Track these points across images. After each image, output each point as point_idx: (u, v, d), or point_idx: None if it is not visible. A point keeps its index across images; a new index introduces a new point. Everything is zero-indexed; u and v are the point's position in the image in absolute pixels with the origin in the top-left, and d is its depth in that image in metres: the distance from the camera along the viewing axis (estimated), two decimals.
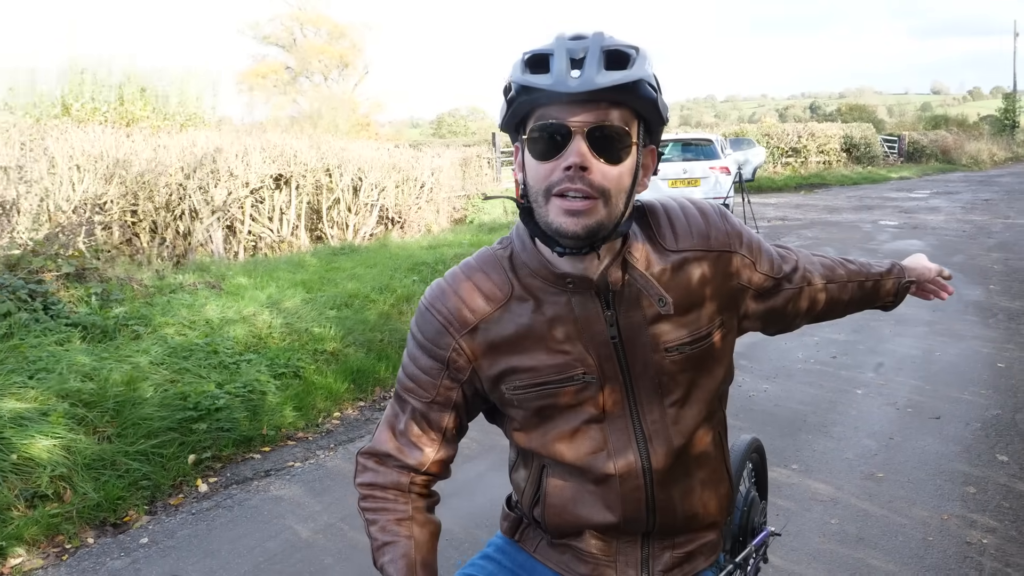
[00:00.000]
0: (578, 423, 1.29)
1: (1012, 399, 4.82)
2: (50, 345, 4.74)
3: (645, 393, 1.29)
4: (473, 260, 1.31)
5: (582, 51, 1.12)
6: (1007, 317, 6.95)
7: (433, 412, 1.33)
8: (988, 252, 10.65)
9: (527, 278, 1.26)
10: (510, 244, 1.30)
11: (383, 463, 1.37)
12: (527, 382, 1.27)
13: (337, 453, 4.38)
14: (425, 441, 1.35)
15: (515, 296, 1.26)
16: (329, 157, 11.69)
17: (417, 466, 1.35)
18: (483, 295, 1.27)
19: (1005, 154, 35.55)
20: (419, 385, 1.33)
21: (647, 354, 1.26)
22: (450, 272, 1.32)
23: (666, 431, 1.30)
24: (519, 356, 1.26)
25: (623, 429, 1.29)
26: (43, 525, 3.37)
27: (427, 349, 1.30)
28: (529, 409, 1.30)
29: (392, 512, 1.34)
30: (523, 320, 1.25)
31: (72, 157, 8.75)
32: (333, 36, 40.00)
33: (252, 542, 3.41)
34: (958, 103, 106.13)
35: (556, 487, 1.35)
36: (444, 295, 1.29)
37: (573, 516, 1.34)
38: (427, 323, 1.30)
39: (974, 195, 19.54)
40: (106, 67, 13.83)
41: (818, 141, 28.16)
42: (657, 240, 1.29)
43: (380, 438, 1.38)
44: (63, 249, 6.32)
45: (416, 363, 1.32)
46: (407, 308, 6.65)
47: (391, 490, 1.35)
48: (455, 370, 1.29)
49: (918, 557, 3.09)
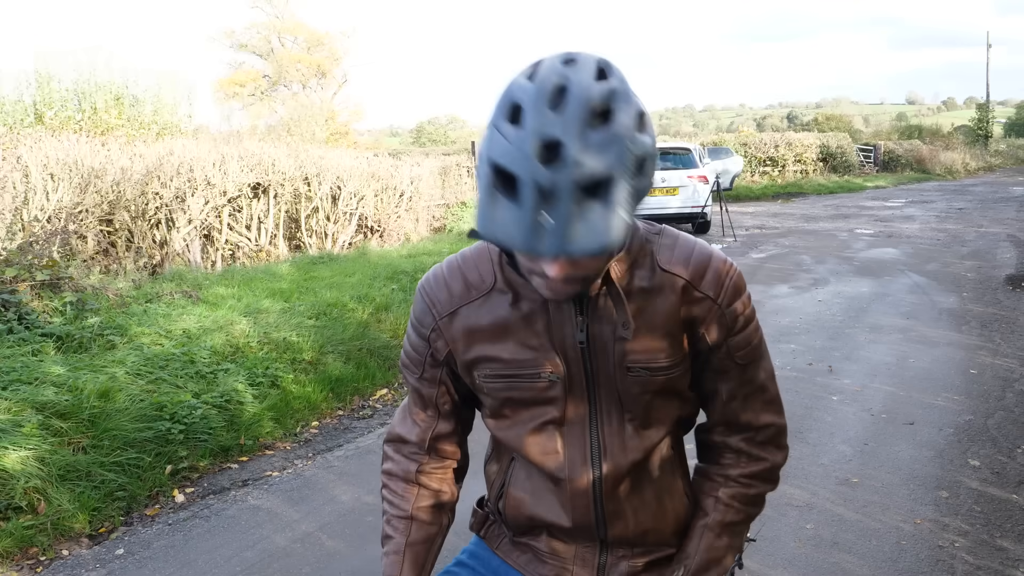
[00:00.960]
0: (540, 422, 1.32)
1: (984, 404, 4.89)
2: (24, 356, 4.69)
3: (606, 404, 1.31)
4: (468, 250, 1.36)
5: (551, 183, 0.96)
6: (980, 324, 7.05)
7: (424, 388, 1.41)
8: (962, 260, 10.80)
9: (510, 273, 1.28)
10: None
11: (397, 449, 1.47)
12: (497, 372, 1.31)
13: (315, 462, 4.36)
14: (422, 417, 1.44)
15: (496, 288, 1.29)
16: (308, 166, 11.64)
17: (419, 442, 1.44)
18: (467, 283, 1.31)
19: (978, 164, 36.06)
20: (411, 361, 1.41)
21: (611, 367, 1.27)
22: (447, 259, 1.38)
23: (622, 445, 1.31)
24: (492, 345, 1.30)
25: (580, 435, 1.31)
26: (17, 537, 3.33)
27: (416, 327, 1.38)
28: (497, 399, 1.34)
29: (398, 508, 1.43)
30: (500, 312, 1.29)
31: (46, 166, 8.67)
32: (311, 44, 39.89)
33: (229, 552, 3.39)
34: (933, 113, 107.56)
35: (518, 481, 1.40)
36: (435, 279, 1.35)
37: (529, 512, 1.38)
38: (418, 303, 1.37)
39: (948, 204, 19.80)
40: (76, 72, 13.69)
41: (795, 150, 28.44)
42: (654, 255, 1.28)
43: (393, 420, 1.50)
44: (37, 259, 6.25)
45: (409, 340, 1.41)
46: (386, 317, 6.64)
47: (401, 481, 1.44)
48: (435, 350, 1.36)
49: (892, 561, 3.13)
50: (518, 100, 1.01)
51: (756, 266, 10.61)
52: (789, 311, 7.79)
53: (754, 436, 1.38)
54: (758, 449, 1.39)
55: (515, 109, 1.01)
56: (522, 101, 1.00)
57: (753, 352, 1.34)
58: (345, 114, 39.47)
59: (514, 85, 1.04)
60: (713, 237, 13.70)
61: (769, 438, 1.39)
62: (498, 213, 1.00)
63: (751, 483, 1.38)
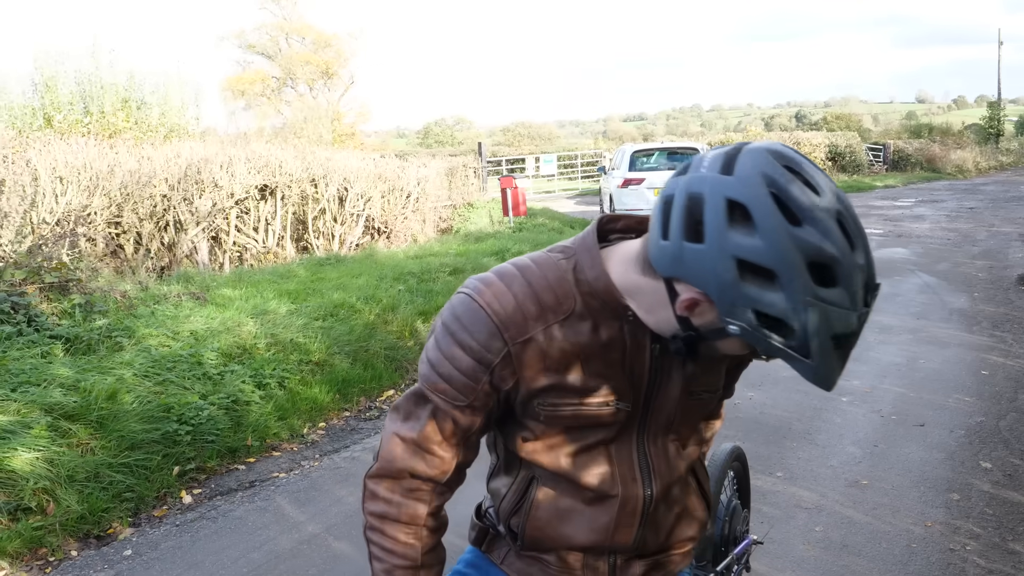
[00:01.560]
0: (590, 442, 1.26)
1: (996, 406, 4.85)
2: (33, 358, 4.70)
3: (655, 425, 1.28)
4: (534, 265, 1.20)
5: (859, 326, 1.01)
6: (991, 324, 7.01)
7: (464, 416, 1.23)
8: (972, 260, 10.73)
9: (588, 296, 1.18)
10: (572, 255, 1.21)
11: (397, 488, 1.26)
12: (565, 400, 1.21)
13: (322, 463, 4.36)
14: (446, 448, 1.25)
15: (576, 313, 1.18)
16: (315, 167, 11.67)
17: (437, 476, 1.26)
18: (543, 304, 1.17)
19: (989, 163, 35.84)
20: (454, 387, 1.20)
21: (674, 391, 1.25)
22: (505, 271, 1.21)
23: (666, 463, 1.30)
24: (565, 374, 1.19)
25: (628, 455, 1.27)
26: (26, 538, 3.34)
27: (472, 350, 1.18)
28: (554, 426, 1.24)
29: (402, 557, 1.27)
30: (580, 339, 1.18)
31: (55, 169, 8.70)
32: (318, 45, 39.97)
33: (236, 553, 3.39)
34: (943, 111, 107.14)
35: (546, 500, 1.30)
36: (503, 297, 1.17)
37: (556, 532, 1.31)
38: (478, 322, 1.17)
39: (959, 203, 19.70)
40: (80, 74, 13.75)
41: (803, 150, 28.33)
42: None
43: (389, 455, 1.26)
44: (46, 261, 6.28)
45: (454, 363, 1.19)
46: (392, 317, 6.64)
47: (403, 526, 1.26)
48: (499, 378, 1.19)
49: (902, 564, 3.10)
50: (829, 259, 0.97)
51: None
52: None
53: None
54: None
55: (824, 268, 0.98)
56: (838, 261, 0.98)
57: None
58: (352, 115, 39.57)
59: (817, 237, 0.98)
60: None
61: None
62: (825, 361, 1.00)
63: None
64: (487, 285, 1.19)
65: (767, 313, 0.99)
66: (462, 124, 70.86)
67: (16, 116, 13.34)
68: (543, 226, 13.37)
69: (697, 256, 1.00)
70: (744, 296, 0.99)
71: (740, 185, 0.98)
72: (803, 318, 0.97)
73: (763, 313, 0.99)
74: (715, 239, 0.99)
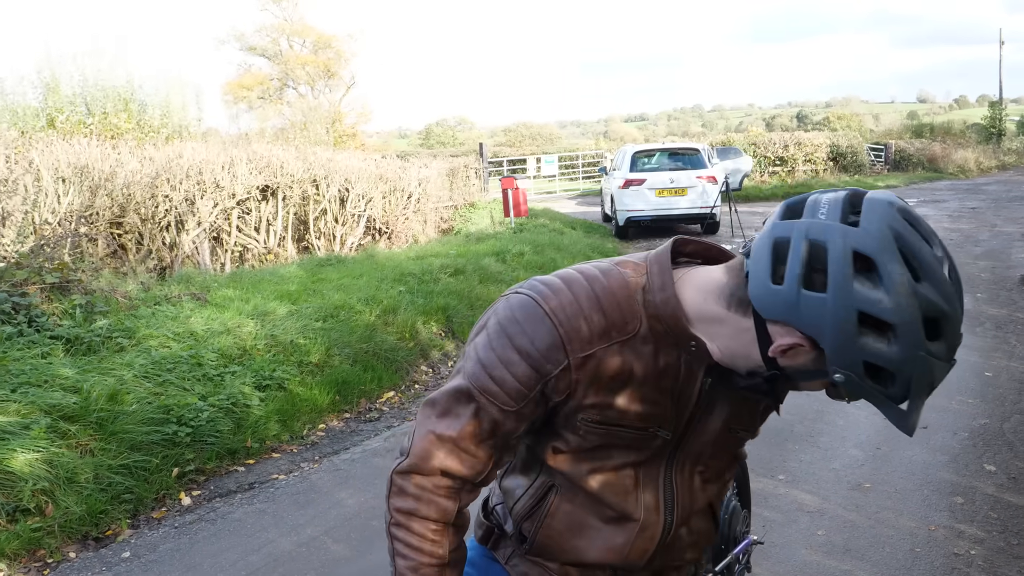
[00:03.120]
0: (619, 462, 1.25)
1: (1000, 408, 4.83)
2: (33, 358, 4.69)
3: (685, 456, 1.27)
4: (603, 277, 1.17)
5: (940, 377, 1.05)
6: (994, 326, 6.98)
7: (509, 420, 1.18)
8: (975, 260, 10.70)
9: (653, 320, 1.15)
10: (645, 276, 1.18)
11: (428, 485, 1.21)
12: (609, 420, 1.19)
13: (322, 465, 4.35)
14: (483, 449, 1.20)
15: (640, 335, 1.15)
16: (316, 168, 11.66)
17: (472, 476, 1.21)
18: (610, 321, 1.14)
19: (991, 162, 35.77)
20: (504, 391, 1.16)
21: (713, 425, 1.25)
22: (573, 279, 1.17)
23: (690, 495, 1.30)
24: (617, 395, 1.17)
25: (655, 481, 1.27)
26: (24, 539, 3.33)
27: (531, 358, 1.14)
28: (590, 442, 1.22)
29: (429, 555, 1.21)
30: (639, 362, 1.16)
31: (57, 170, 8.70)
32: (319, 46, 39.96)
33: (234, 556, 3.37)
34: (944, 111, 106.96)
35: (563, 511, 1.28)
36: (571, 307, 1.14)
37: (568, 544, 1.29)
38: (542, 329, 1.13)
39: (961, 203, 19.66)
40: (82, 75, 13.76)
41: (805, 150, 28.29)
42: None
43: (424, 451, 1.20)
44: (48, 262, 6.27)
45: (510, 368, 1.15)
46: (393, 319, 6.62)
47: (432, 523, 1.21)
48: (554, 389, 1.16)
49: (905, 569, 3.08)
50: (940, 314, 1.00)
51: None
52: None
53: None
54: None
55: (935, 323, 1.00)
56: (947, 316, 1.01)
57: None
58: (353, 116, 39.54)
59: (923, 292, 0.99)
60: (722, 238, 13.64)
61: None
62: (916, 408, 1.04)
63: None
64: (553, 291, 1.15)
65: (876, 364, 1.00)
66: (463, 125, 70.84)
67: (19, 117, 13.35)
68: (544, 227, 13.35)
69: (816, 305, 1.00)
70: (859, 348, 0.99)
71: (868, 238, 0.98)
72: (910, 370, 1.00)
73: (872, 364, 1.00)
74: (839, 290, 0.98)
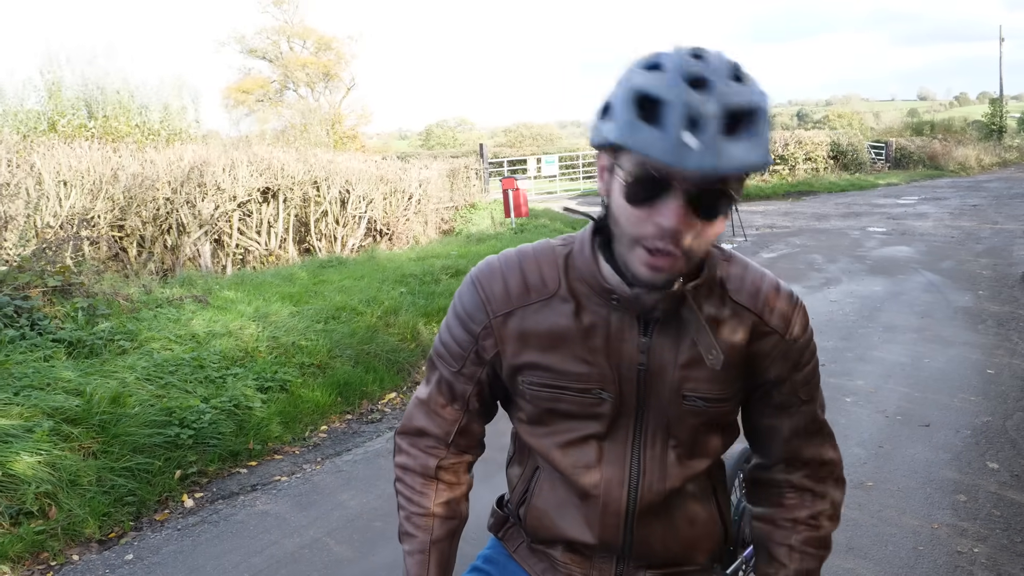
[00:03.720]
0: (580, 435, 1.28)
1: (1002, 405, 4.83)
2: (36, 361, 4.70)
3: (652, 428, 1.27)
4: (530, 248, 1.30)
5: (698, 108, 0.97)
6: (996, 323, 6.97)
7: (458, 383, 1.35)
8: (976, 258, 10.69)
9: (576, 281, 1.24)
10: (571, 244, 1.28)
11: (414, 443, 1.40)
12: (545, 381, 1.26)
13: (324, 467, 4.35)
14: (449, 411, 1.37)
15: (559, 295, 1.24)
16: (316, 170, 11.67)
17: (443, 436, 1.38)
18: (528, 283, 1.26)
19: (992, 159, 35.76)
20: (450, 353, 1.34)
21: (666, 393, 1.24)
22: (505, 253, 1.31)
23: (663, 471, 1.28)
24: (545, 354, 1.25)
25: (621, 455, 1.28)
26: (27, 542, 3.33)
27: (463, 321, 1.31)
28: (539, 407, 1.29)
29: (417, 505, 1.38)
30: (560, 320, 1.24)
31: (59, 173, 8.71)
32: (319, 48, 39.96)
33: (237, 558, 3.37)
34: (945, 108, 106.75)
35: (544, 491, 1.35)
36: (491, 272, 1.29)
37: (552, 524, 1.34)
38: (469, 295, 1.30)
39: (962, 201, 19.64)
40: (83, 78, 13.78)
41: (805, 148, 28.26)
42: (724, 284, 1.25)
43: (409, 413, 1.42)
44: (50, 265, 6.27)
45: (451, 331, 1.33)
46: (394, 320, 6.62)
47: (419, 476, 1.38)
48: (482, 348, 1.30)
49: (909, 567, 3.08)
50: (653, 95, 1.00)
51: (767, 266, 10.49)
52: None
53: (817, 471, 1.36)
54: (821, 486, 1.36)
55: (655, 65, 1.03)
56: (661, 60, 1.03)
57: (815, 388, 1.33)
58: (353, 118, 39.53)
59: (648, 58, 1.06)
60: (723, 236, 13.64)
61: (831, 473, 1.37)
62: (639, 136, 1.00)
63: (820, 524, 1.35)
64: (486, 263, 1.31)
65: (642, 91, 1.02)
66: (464, 125, 70.73)
67: (21, 121, 13.37)
68: (545, 227, 13.34)
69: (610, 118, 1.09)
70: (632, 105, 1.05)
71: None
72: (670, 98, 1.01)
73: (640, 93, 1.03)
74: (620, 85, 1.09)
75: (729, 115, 0.98)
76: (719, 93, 0.98)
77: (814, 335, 1.33)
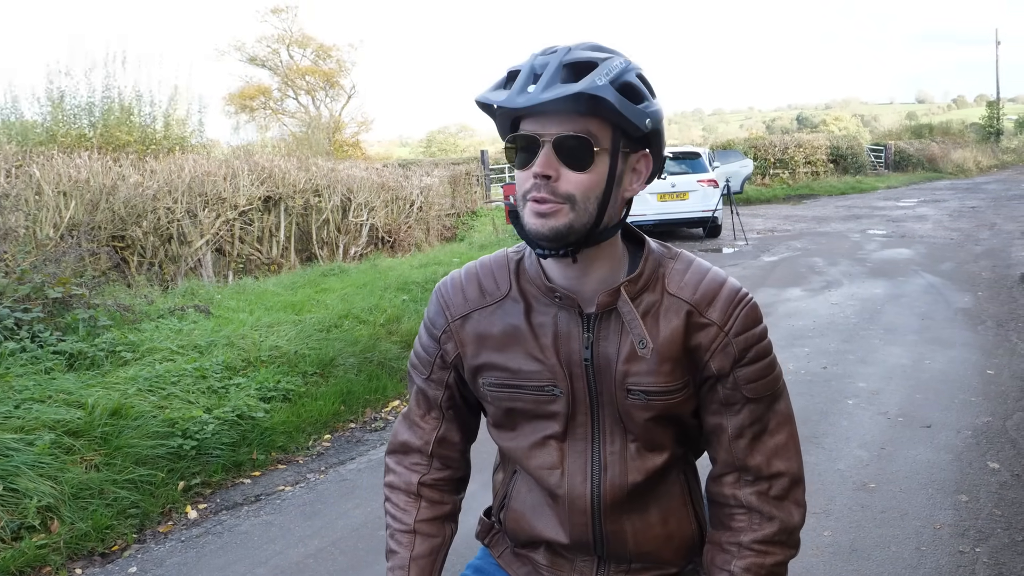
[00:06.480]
0: (542, 435, 1.32)
1: (1002, 406, 4.83)
2: (36, 374, 4.70)
3: (609, 423, 1.30)
4: (488, 257, 1.39)
5: (543, 66, 1.14)
6: (995, 324, 6.98)
7: (430, 389, 1.42)
8: (976, 259, 10.70)
9: (526, 283, 1.31)
10: (523, 250, 1.35)
11: (400, 461, 1.46)
12: (501, 381, 1.32)
13: (328, 476, 4.35)
14: (427, 420, 1.44)
15: (510, 296, 1.31)
16: (318, 178, 11.69)
17: (422, 447, 1.43)
18: (483, 288, 1.33)
19: (990, 161, 35.81)
20: (420, 361, 1.42)
21: (612, 387, 1.27)
22: (467, 265, 1.40)
23: (624, 465, 1.30)
24: (500, 354, 1.31)
25: (581, 453, 1.31)
26: (30, 557, 3.33)
27: (428, 328, 1.39)
28: (500, 408, 1.35)
29: (400, 521, 1.42)
30: (512, 320, 1.30)
31: (59, 184, 8.73)
32: (319, 56, 40.05)
33: (242, 568, 3.37)
34: (943, 111, 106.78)
35: (521, 494, 1.39)
36: (452, 282, 1.38)
37: (529, 526, 1.38)
38: (433, 305, 1.39)
39: (961, 203, 19.66)
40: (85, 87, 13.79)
41: (805, 152, 28.29)
42: (664, 279, 1.27)
43: (395, 429, 1.49)
44: (50, 277, 6.28)
45: (420, 340, 1.42)
46: (397, 328, 6.63)
47: (403, 494, 1.43)
48: (445, 352, 1.37)
49: (912, 567, 3.08)
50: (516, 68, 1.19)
51: (768, 269, 10.55)
52: (802, 314, 7.73)
53: (767, 488, 1.29)
54: (772, 506, 1.28)
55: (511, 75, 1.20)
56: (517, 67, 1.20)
57: (765, 388, 1.28)
58: (353, 126, 39.59)
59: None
60: (725, 241, 13.65)
61: (784, 491, 1.29)
62: (498, 94, 1.18)
63: (767, 550, 1.27)
64: (449, 276, 1.40)
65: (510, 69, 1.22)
66: (465, 132, 70.85)
67: (19, 131, 13.38)
68: None
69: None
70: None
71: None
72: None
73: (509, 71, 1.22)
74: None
75: (568, 67, 1.13)
76: (560, 53, 1.15)
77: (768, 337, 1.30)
